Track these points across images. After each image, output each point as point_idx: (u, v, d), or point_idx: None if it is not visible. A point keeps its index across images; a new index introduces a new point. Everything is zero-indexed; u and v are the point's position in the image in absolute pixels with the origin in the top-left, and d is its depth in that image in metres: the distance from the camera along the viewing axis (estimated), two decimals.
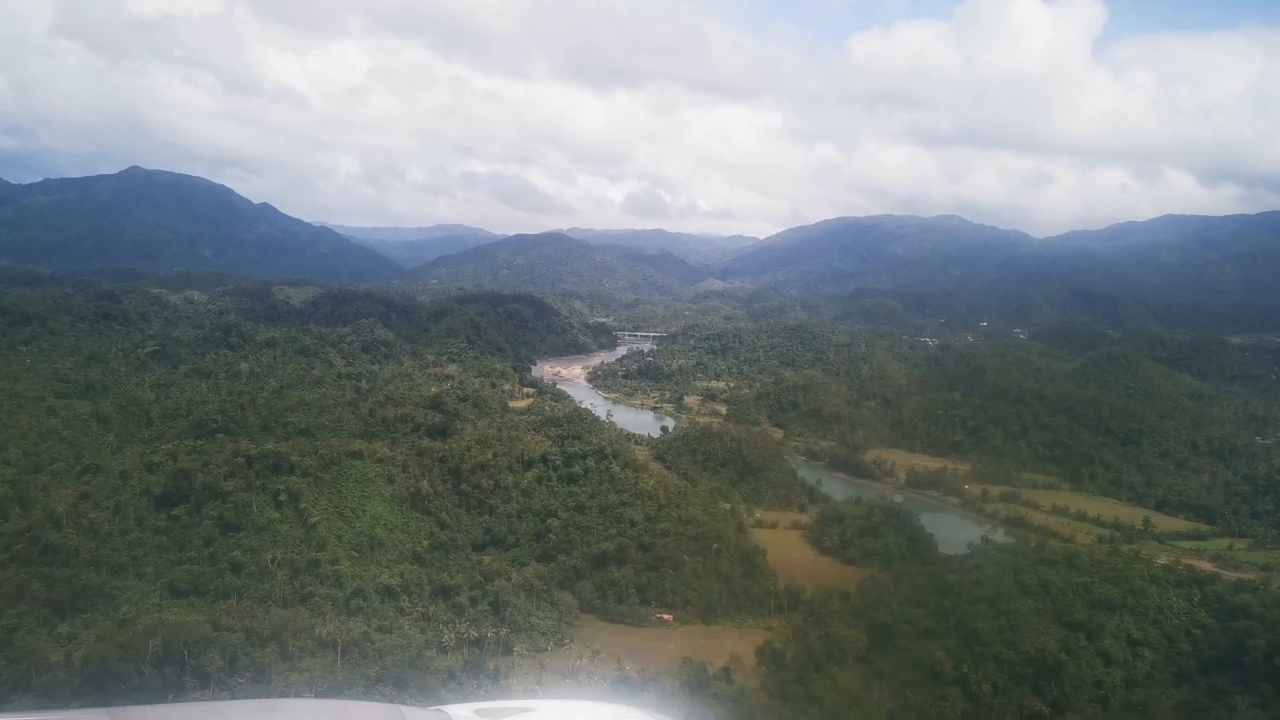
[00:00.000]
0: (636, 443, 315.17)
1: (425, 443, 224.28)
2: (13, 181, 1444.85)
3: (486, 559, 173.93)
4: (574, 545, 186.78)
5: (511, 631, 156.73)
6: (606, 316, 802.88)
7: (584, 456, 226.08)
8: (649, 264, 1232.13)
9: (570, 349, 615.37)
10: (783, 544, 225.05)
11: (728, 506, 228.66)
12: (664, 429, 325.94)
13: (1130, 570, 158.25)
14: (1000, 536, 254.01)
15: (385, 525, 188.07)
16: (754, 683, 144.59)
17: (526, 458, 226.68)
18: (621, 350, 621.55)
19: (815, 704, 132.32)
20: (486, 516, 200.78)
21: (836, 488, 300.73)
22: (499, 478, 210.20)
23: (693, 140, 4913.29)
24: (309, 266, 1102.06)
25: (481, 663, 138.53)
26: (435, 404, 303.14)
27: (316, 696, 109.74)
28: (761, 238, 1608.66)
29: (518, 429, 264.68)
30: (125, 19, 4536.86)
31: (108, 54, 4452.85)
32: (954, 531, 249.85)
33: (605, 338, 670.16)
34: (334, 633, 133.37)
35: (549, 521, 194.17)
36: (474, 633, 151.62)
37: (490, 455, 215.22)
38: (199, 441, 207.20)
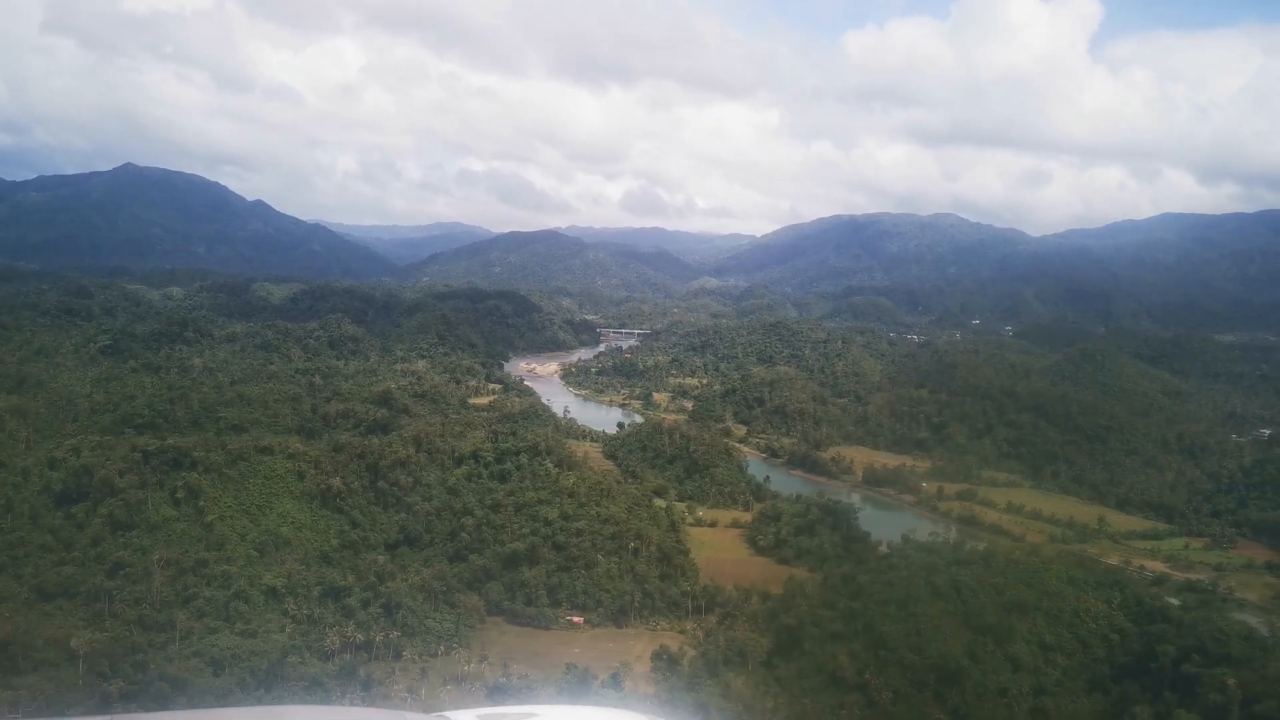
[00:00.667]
0: (592, 440, 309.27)
1: (344, 438, 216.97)
2: (7, 178, 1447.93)
3: (382, 559, 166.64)
4: (486, 544, 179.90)
5: (404, 635, 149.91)
6: (595, 314, 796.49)
7: (517, 453, 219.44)
8: (643, 262, 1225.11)
9: (550, 345, 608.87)
10: (719, 543, 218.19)
11: (663, 504, 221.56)
12: (620, 425, 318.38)
13: (1047, 571, 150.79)
14: (953, 535, 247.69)
15: (293, 523, 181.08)
16: (647, 688, 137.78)
17: (458, 454, 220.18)
18: (603, 348, 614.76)
19: (702, 711, 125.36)
20: (403, 514, 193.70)
21: (793, 485, 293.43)
22: (420, 474, 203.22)
23: (689, 138, 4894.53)
24: (302, 264, 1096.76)
25: (354, 669, 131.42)
26: (383, 400, 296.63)
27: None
28: (759, 236, 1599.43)
29: (465, 425, 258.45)
30: (116, 15, 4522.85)
31: (100, 50, 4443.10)
32: (901, 530, 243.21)
33: (587, 335, 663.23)
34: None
35: (463, 520, 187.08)
36: (360, 636, 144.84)
37: (412, 451, 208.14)
38: (106, 437, 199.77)
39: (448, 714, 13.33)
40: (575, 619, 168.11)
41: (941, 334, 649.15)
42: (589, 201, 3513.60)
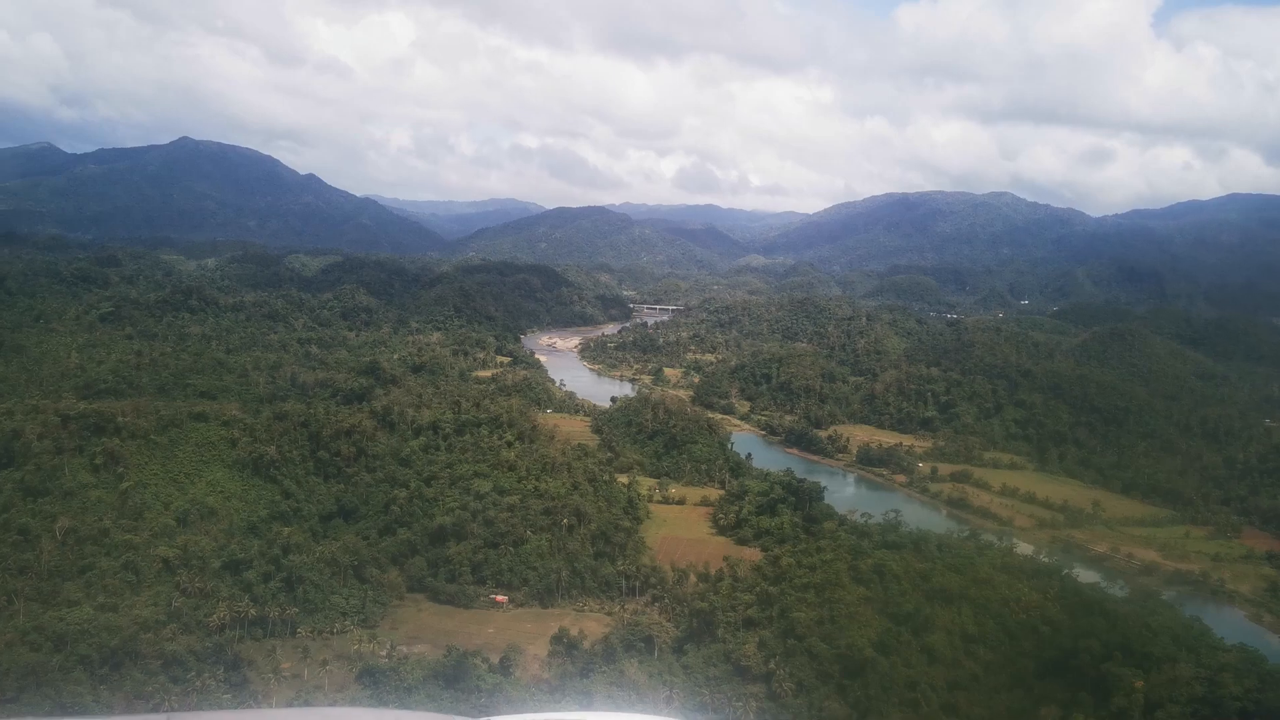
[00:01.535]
0: (585, 414, 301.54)
1: (288, 406, 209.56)
2: (69, 151, 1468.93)
3: (287, 530, 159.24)
4: (415, 518, 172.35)
5: (303, 611, 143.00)
6: (634, 290, 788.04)
7: (478, 425, 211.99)
8: (690, 239, 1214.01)
9: (577, 320, 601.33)
10: (683, 521, 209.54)
11: (625, 480, 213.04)
12: (613, 400, 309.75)
13: (981, 557, 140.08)
14: (944, 517, 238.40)
15: (221, 493, 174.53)
16: (538, 672, 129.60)
17: (416, 425, 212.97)
18: (633, 323, 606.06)
19: (586, 699, 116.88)
20: (341, 485, 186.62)
21: (786, 463, 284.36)
22: (365, 444, 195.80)
23: (740, 114, 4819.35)
24: (351, 237, 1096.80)
25: (224, 647, 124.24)
26: (370, 370, 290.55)
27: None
28: (810, 214, 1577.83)
29: (450, 395, 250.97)
30: None
31: (153, 23, 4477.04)
32: (877, 511, 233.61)
33: (618, 310, 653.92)
34: None
35: (396, 492, 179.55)
36: (254, 611, 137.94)
37: (364, 420, 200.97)
38: (44, 401, 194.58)
39: (493, 719, 13.24)
40: (499, 598, 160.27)
41: (984, 313, 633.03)
42: (641, 178, 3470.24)
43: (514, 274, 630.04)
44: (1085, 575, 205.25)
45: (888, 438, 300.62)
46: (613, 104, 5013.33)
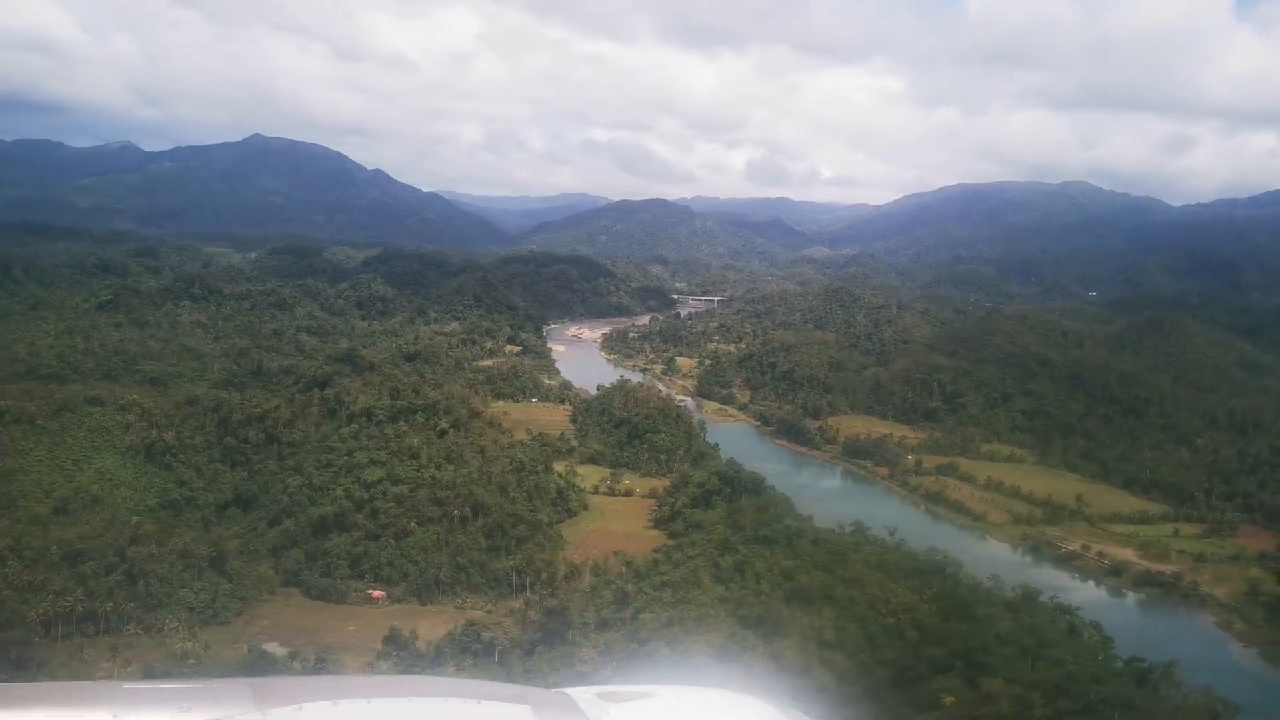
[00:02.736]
0: (570, 404, 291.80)
1: (200, 390, 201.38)
2: (147, 149, 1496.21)
3: (135, 520, 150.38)
4: (302, 508, 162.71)
5: (144, 607, 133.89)
6: (685, 281, 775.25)
7: (413, 411, 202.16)
8: (754, 231, 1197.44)
9: (613, 311, 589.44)
10: (623, 514, 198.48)
11: (561, 469, 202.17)
12: (599, 387, 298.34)
13: (855, 554, 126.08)
14: (920, 512, 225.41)
15: (110, 480, 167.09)
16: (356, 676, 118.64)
17: (349, 412, 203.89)
18: (673, 313, 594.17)
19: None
20: (245, 473, 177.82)
21: (774, 455, 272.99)
22: (279, 431, 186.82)
23: (807, 105, 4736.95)
24: (414, 231, 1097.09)
25: (7, 646, 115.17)
26: (346, 357, 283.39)
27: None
28: (879, 205, 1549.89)
29: (392, 382, 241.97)
30: None
31: (221, 22, 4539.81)
32: (850, 505, 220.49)
33: (657, 300, 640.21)
34: None
35: (289, 480, 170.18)
36: (82, 606, 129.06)
37: (272, 406, 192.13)
38: None
39: (567, 690, 12.45)
40: (375, 593, 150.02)
41: (1044, 303, 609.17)
42: (711, 171, 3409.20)
43: (551, 265, 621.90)
44: (1051, 575, 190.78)
45: (888, 429, 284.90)
46: (678, 96, 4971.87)
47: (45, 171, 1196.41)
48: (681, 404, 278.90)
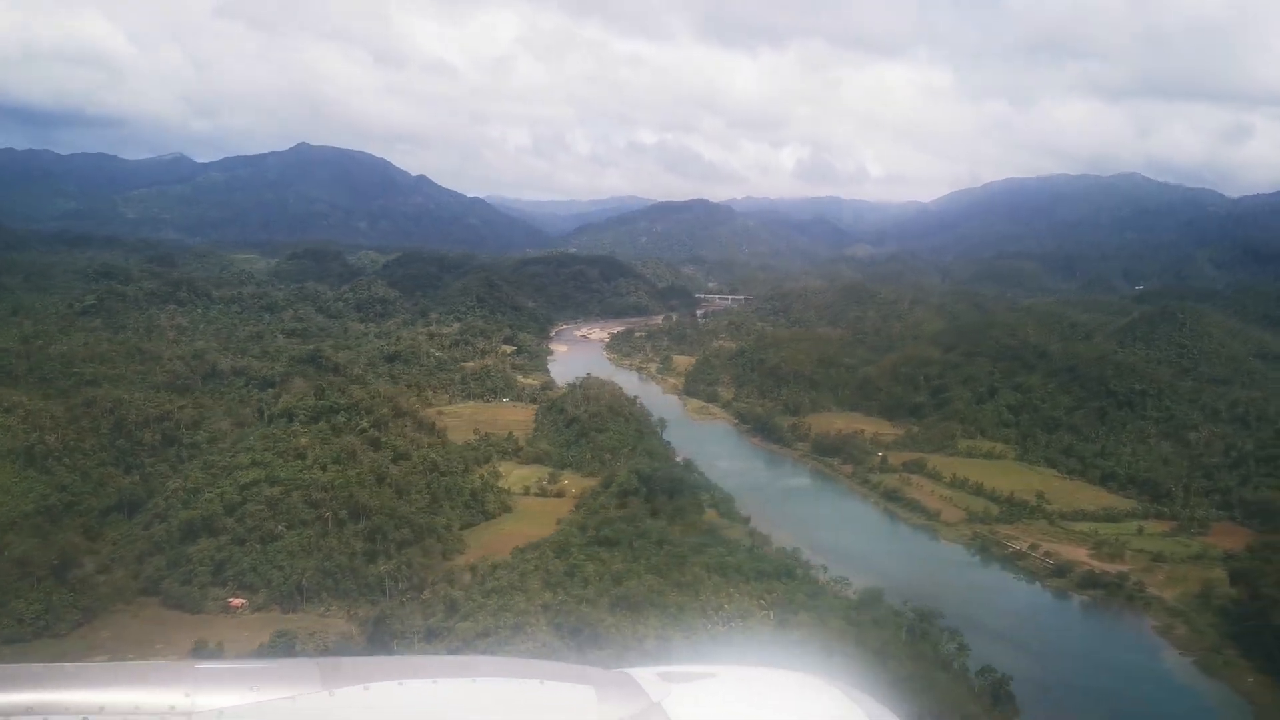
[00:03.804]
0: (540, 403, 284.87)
1: (98, 392, 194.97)
2: (198, 160, 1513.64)
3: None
4: (175, 511, 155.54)
5: None
6: (718, 281, 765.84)
7: (336, 410, 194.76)
8: (797, 229, 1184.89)
9: (630, 311, 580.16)
10: (547, 516, 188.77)
11: (484, 469, 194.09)
12: (570, 385, 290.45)
13: (698, 556, 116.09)
14: (878, 511, 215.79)
15: None
16: None
17: (269, 413, 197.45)
18: (698, 312, 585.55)
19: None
20: (137, 477, 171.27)
21: (748, 454, 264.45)
22: (179, 433, 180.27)
23: (851, 101, 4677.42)
24: (458, 236, 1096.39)
25: None
26: (311, 359, 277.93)
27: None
28: (927, 202, 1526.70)
29: (341, 384, 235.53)
30: None
31: (265, 31, 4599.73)
32: (802, 505, 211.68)
33: (679, 300, 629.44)
34: None
35: (169, 484, 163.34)
36: None
37: (172, 407, 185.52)
38: None
39: (628, 670, 12.35)
40: (235, 601, 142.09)
41: (1085, 297, 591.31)
42: (759, 171, 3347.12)
43: (571, 265, 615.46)
44: (996, 576, 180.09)
45: (869, 425, 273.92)
46: (720, 95, 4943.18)
47: (99, 184, 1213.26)
48: (636, 400, 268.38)
